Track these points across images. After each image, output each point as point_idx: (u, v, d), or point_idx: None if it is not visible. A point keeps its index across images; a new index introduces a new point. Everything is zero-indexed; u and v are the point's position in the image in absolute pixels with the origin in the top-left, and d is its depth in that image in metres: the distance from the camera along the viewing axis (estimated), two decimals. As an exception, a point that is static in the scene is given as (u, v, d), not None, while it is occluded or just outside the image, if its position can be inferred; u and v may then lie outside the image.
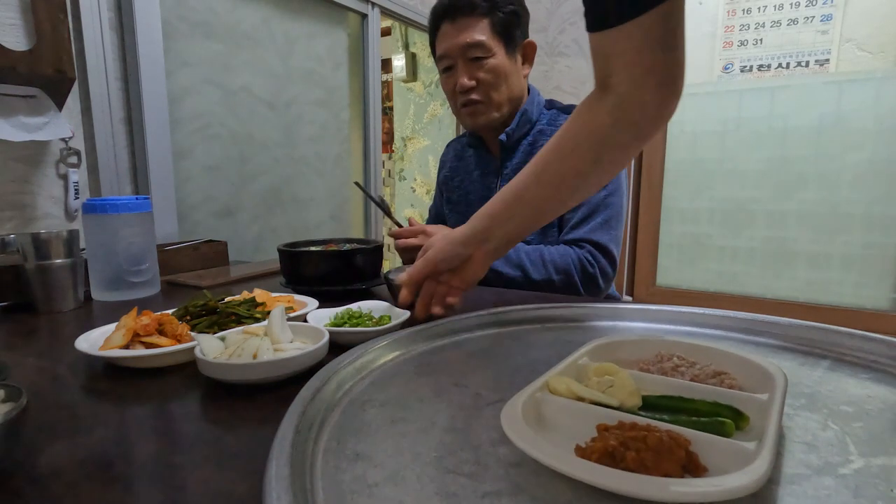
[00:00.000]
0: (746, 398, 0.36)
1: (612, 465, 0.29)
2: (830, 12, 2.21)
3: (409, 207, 3.32)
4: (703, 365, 0.42)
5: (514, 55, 0.98)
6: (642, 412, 0.35)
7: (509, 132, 1.01)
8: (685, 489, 0.26)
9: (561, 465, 0.28)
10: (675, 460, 0.28)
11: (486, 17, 0.94)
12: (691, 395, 0.37)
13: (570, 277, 0.91)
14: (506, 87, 0.98)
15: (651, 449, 0.29)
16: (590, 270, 0.92)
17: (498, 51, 0.95)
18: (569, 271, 0.91)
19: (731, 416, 0.34)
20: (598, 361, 0.42)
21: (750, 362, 0.41)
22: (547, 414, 0.36)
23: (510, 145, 1.02)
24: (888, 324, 2.17)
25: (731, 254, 2.44)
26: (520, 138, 1.02)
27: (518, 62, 1.00)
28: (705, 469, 0.30)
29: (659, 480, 0.27)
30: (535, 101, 1.04)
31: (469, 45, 0.94)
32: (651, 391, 0.38)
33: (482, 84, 0.97)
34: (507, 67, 0.97)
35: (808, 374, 0.47)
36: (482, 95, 0.98)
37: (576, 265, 0.91)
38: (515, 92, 1.00)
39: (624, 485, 0.26)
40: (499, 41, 0.95)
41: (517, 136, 1.02)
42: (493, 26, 0.94)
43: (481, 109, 0.99)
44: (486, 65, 0.95)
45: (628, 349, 0.47)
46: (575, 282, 0.91)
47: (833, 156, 2.22)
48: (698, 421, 0.33)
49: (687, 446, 0.30)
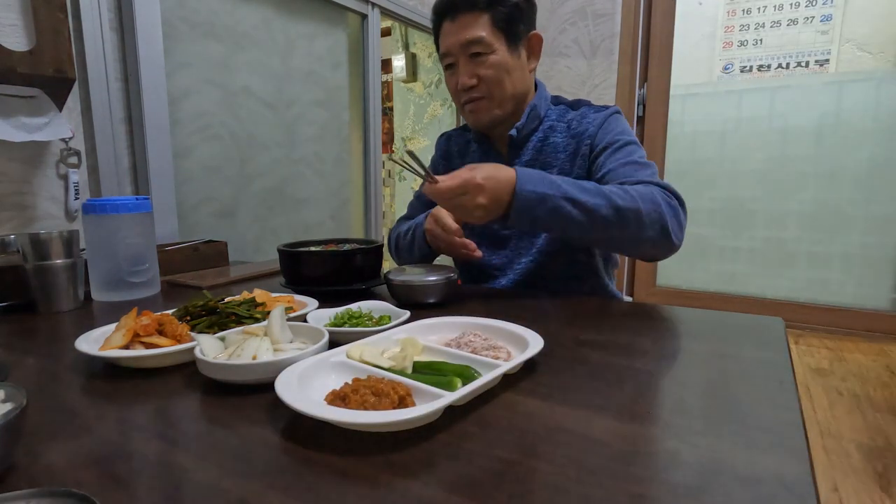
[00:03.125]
0: (488, 363, 0.48)
1: (342, 406, 0.40)
2: (830, 12, 2.21)
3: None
4: (487, 339, 0.55)
5: (517, 50, 0.96)
6: (410, 373, 0.46)
7: (519, 127, 0.99)
8: (371, 419, 0.37)
9: (295, 404, 0.38)
10: (389, 402, 0.39)
11: (486, 12, 0.92)
12: (454, 360, 0.49)
13: (657, 207, 0.77)
14: (509, 82, 0.96)
15: (374, 394, 0.40)
16: (674, 202, 0.80)
17: (499, 46, 0.94)
18: (655, 199, 0.77)
19: (467, 374, 0.45)
20: (415, 336, 0.55)
21: (521, 336, 0.54)
22: (331, 372, 0.47)
23: (519, 141, 1.01)
24: (888, 324, 2.17)
25: (731, 254, 2.44)
26: (528, 134, 1.00)
27: (523, 57, 0.97)
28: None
29: (355, 412, 0.38)
30: (544, 96, 1.02)
31: (469, 42, 0.93)
32: (433, 358, 0.50)
33: (484, 81, 0.95)
34: (510, 63, 0.95)
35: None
36: (484, 92, 0.96)
37: (661, 195, 0.79)
38: (520, 88, 0.98)
39: (328, 414, 0.37)
40: (500, 36, 0.94)
41: (526, 131, 1.00)
42: (494, 21, 0.93)
43: (484, 106, 0.97)
44: (488, 61, 0.94)
45: (445, 328, 0.60)
46: (663, 212, 0.77)
47: (833, 156, 2.22)
48: (435, 377, 0.45)
49: (403, 392, 0.40)
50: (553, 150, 0.98)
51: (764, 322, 0.67)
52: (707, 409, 0.43)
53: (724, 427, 0.39)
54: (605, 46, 2.27)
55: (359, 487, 0.32)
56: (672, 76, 2.35)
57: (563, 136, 0.98)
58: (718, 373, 0.51)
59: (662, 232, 0.78)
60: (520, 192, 0.73)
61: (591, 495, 0.31)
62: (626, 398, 0.45)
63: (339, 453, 0.36)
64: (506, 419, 0.41)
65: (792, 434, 0.38)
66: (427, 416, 0.37)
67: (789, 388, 0.46)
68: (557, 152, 0.98)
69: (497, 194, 0.73)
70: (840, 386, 1.80)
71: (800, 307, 2.30)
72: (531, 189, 0.73)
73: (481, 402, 0.43)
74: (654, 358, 0.55)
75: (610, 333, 0.64)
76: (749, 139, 2.35)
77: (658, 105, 2.39)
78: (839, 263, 2.26)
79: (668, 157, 2.43)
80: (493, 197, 0.72)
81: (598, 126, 0.94)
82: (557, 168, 0.97)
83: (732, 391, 0.46)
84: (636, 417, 0.41)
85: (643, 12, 2.31)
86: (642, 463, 0.34)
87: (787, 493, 0.31)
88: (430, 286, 0.75)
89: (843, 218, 2.23)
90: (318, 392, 0.43)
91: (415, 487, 0.32)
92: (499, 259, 1.03)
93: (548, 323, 0.67)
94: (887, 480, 1.28)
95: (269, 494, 0.31)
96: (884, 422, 1.56)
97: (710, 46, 2.45)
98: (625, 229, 0.76)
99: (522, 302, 0.79)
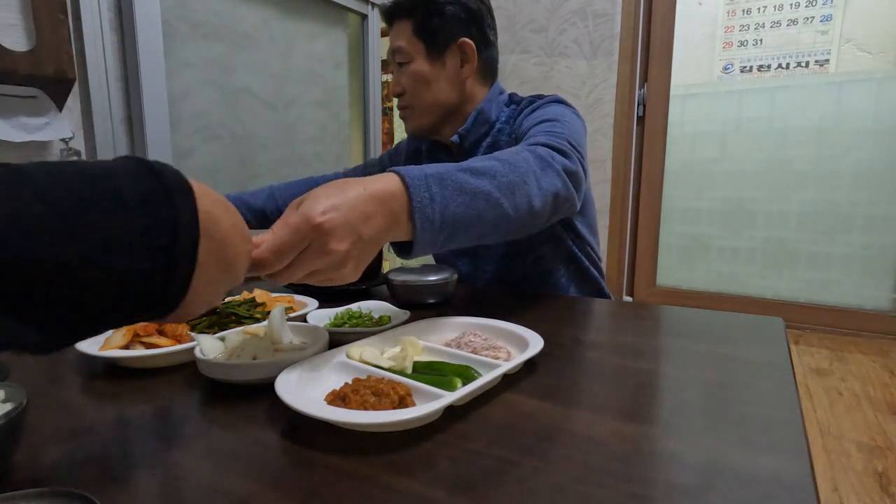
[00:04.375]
0: (488, 363, 0.47)
1: (342, 406, 0.40)
2: (830, 12, 2.21)
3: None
4: (487, 339, 0.55)
5: (440, 59, 0.91)
6: (410, 373, 0.46)
7: (462, 133, 0.95)
8: (371, 419, 0.36)
9: (295, 404, 0.38)
10: (389, 402, 0.39)
11: (408, 19, 0.90)
12: (454, 360, 0.49)
13: (527, 167, 0.63)
14: (428, 92, 0.92)
15: (374, 394, 0.40)
16: (550, 160, 0.67)
17: (417, 55, 0.91)
18: (526, 158, 0.64)
19: (467, 374, 0.45)
20: (414, 336, 0.54)
21: (521, 336, 0.54)
22: (331, 372, 0.47)
23: (468, 147, 0.96)
24: (888, 324, 2.17)
25: (731, 254, 2.44)
26: (478, 140, 0.96)
27: (448, 65, 0.92)
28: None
29: (355, 412, 0.38)
30: (496, 99, 0.97)
31: (394, 51, 0.92)
32: (433, 358, 0.50)
33: (407, 90, 0.93)
34: (428, 72, 0.91)
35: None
36: (408, 101, 0.94)
37: (532, 152, 0.66)
38: (441, 97, 0.93)
39: (328, 414, 0.37)
40: (419, 45, 0.91)
41: (474, 137, 0.95)
42: (414, 30, 0.90)
43: (408, 115, 0.96)
44: (407, 70, 0.92)
45: (445, 328, 0.59)
46: (533, 170, 0.63)
47: (833, 156, 2.22)
48: (435, 377, 0.45)
49: (403, 392, 0.41)
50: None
51: (764, 322, 0.67)
52: (707, 409, 0.43)
53: (724, 427, 0.39)
54: (605, 47, 2.27)
55: (359, 487, 0.32)
56: (672, 76, 2.35)
57: (508, 138, 0.95)
58: (718, 373, 0.51)
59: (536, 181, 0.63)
60: (412, 184, 0.49)
61: (591, 495, 0.31)
62: (626, 398, 0.45)
63: (339, 453, 0.36)
64: (506, 419, 0.41)
65: (792, 434, 0.38)
66: (427, 416, 0.37)
67: (789, 388, 0.46)
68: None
69: (366, 214, 0.45)
70: (840, 386, 1.80)
71: (800, 307, 2.30)
72: (420, 174, 0.51)
73: (481, 402, 0.43)
74: (654, 358, 0.55)
75: (610, 333, 0.64)
76: (749, 139, 2.35)
77: (658, 105, 2.39)
78: (839, 263, 2.26)
79: (668, 157, 2.42)
80: (358, 227, 0.44)
81: (525, 116, 0.90)
82: None
83: (732, 391, 0.46)
84: (636, 417, 0.41)
85: (643, 12, 2.31)
86: (642, 463, 0.34)
87: (786, 493, 0.31)
88: (430, 286, 0.75)
89: (843, 218, 2.23)
90: (318, 392, 0.43)
91: (415, 487, 0.32)
92: (465, 267, 0.99)
93: (548, 323, 0.67)
94: (887, 480, 1.28)
95: (268, 494, 0.31)
96: (884, 422, 1.56)
97: (710, 46, 2.45)
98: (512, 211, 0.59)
99: (522, 302, 0.79)
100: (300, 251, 0.41)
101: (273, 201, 1.19)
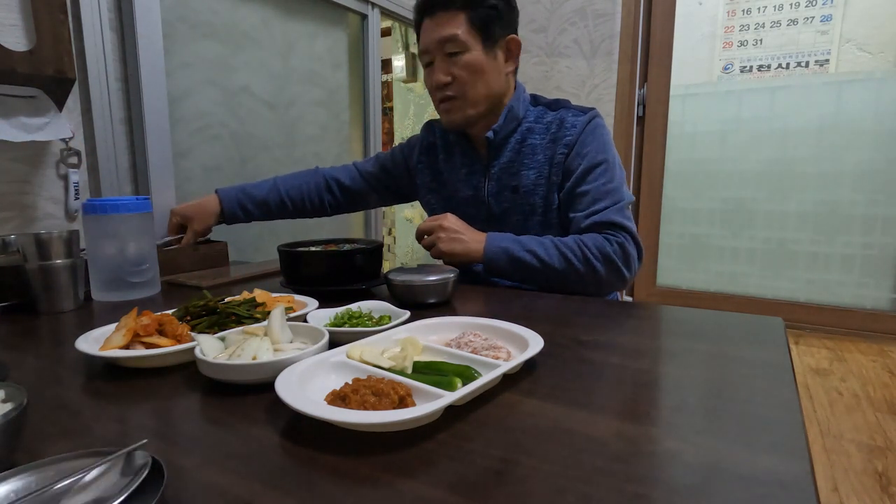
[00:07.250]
0: (488, 363, 0.48)
1: (342, 406, 0.40)
2: (830, 12, 2.21)
3: (409, 208, 3.32)
4: (487, 339, 0.55)
5: (492, 51, 0.95)
6: (410, 373, 0.46)
7: (496, 129, 0.98)
8: (371, 419, 0.37)
9: (295, 404, 0.38)
10: (390, 402, 0.39)
11: (462, 11, 0.92)
12: (454, 360, 0.50)
13: (608, 259, 0.87)
14: (482, 83, 0.95)
15: (374, 394, 0.40)
16: (629, 250, 0.88)
17: (474, 46, 0.93)
18: (605, 251, 0.87)
19: (467, 374, 0.45)
20: (414, 336, 0.54)
21: (521, 336, 0.54)
22: (331, 372, 0.47)
23: (497, 143, 1.00)
24: (888, 324, 2.17)
25: (731, 254, 2.44)
26: (507, 136, 1.00)
27: (499, 58, 0.97)
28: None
29: (355, 412, 0.38)
30: (522, 97, 1.01)
31: (445, 40, 0.93)
32: (433, 358, 0.50)
33: (458, 80, 0.95)
34: (484, 63, 0.94)
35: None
36: (457, 91, 0.96)
37: (609, 246, 0.87)
38: (494, 89, 0.97)
39: (328, 414, 0.37)
40: (476, 36, 0.93)
41: (504, 133, 0.99)
42: (470, 21, 0.93)
43: (457, 105, 0.97)
44: (461, 60, 0.93)
45: (445, 328, 0.60)
46: (615, 261, 0.87)
47: (833, 156, 2.22)
48: (435, 377, 0.45)
49: (403, 392, 0.40)
50: (531, 152, 0.98)
51: (764, 322, 0.67)
52: (707, 409, 0.43)
53: (724, 427, 0.39)
54: (605, 47, 2.27)
55: (359, 487, 0.32)
56: (672, 76, 2.35)
57: (541, 137, 0.98)
58: (718, 373, 0.51)
59: (598, 284, 0.89)
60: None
61: (591, 495, 0.31)
62: (626, 398, 0.45)
63: (339, 453, 0.36)
64: (506, 419, 0.41)
65: (792, 434, 0.38)
66: (427, 416, 0.38)
67: (789, 388, 0.46)
68: (535, 154, 0.98)
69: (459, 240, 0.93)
70: (840, 386, 1.80)
71: (800, 307, 2.30)
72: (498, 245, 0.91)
73: (481, 402, 0.43)
74: (654, 358, 0.55)
75: (610, 333, 0.64)
76: (749, 139, 2.35)
77: (658, 105, 2.39)
78: (839, 263, 2.26)
79: (668, 157, 2.42)
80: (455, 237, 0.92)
81: (576, 135, 0.95)
82: (535, 170, 0.97)
83: (732, 391, 0.46)
84: (636, 417, 0.41)
85: (643, 12, 2.31)
86: (642, 463, 0.34)
87: (786, 493, 0.31)
88: (430, 286, 0.75)
89: (843, 218, 2.23)
90: (318, 392, 0.43)
91: (415, 487, 0.32)
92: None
93: (548, 323, 0.67)
94: (887, 480, 1.28)
95: (269, 494, 0.31)
96: (884, 422, 1.56)
97: (710, 46, 2.45)
98: (564, 282, 0.88)
99: (522, 302, 0.79)
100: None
101: (276, 192, 1.21)
